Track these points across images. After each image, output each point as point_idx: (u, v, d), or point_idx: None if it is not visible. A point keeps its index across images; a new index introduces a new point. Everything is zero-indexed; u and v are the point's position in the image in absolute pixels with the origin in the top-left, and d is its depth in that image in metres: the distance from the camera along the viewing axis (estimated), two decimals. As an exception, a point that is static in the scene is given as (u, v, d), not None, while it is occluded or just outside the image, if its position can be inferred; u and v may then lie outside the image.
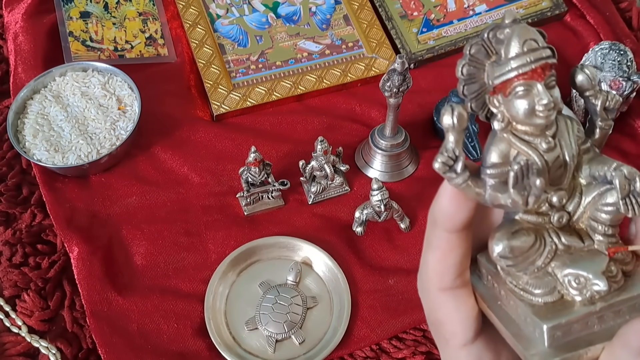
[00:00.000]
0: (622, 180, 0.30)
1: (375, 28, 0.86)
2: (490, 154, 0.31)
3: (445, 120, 0.29)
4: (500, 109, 0.31)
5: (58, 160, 0.72)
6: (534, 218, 0.32)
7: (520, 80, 0.30)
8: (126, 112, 0.75)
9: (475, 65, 0.31)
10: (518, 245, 0.30)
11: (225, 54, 0.83)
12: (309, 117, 0.80)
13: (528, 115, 0.30)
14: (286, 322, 0.65)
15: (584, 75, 0.32)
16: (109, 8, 0.86)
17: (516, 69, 0.30)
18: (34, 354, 0.65)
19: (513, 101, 0.30)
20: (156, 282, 0.68)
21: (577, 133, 0.32)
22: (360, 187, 0.75)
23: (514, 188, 0.30)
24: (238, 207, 0.73)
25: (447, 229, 0.30)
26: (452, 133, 0.30)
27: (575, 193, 0.32)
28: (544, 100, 0.29)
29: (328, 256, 0.69)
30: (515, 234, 0.31)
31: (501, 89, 0.30)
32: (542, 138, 0.31)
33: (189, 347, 0.65)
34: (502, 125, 0.31)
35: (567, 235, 0.31)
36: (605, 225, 0.31)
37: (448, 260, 0.31)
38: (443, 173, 0.30)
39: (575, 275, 0.30)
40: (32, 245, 0.70)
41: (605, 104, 0.33)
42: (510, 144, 0.31)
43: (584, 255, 0.31)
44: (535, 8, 0.88)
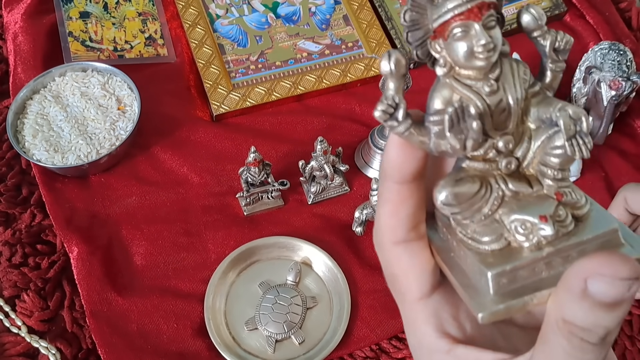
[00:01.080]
0: (567, 121, 0.29)
1: (375, 28, 0.86)
2: (433, 100, 0.30)
3: (382, 66, 0.29)
4: (442, 54, 0.30)
5: (58, 161, 0.72)
6: (482, 165, 0.30)
7: (457, 21, 0.29)
8: (126, 112, 0.75)
9: (418, 10, 0.30)
10: (462, 192, 0.29)
11: (225, 54, 0.83)
12: (309, 117, 0.80)
13: (468, 58, 0.29)
14: (286, 322, 0.65)
15: (530, 15, 0.31)
16: (109, 8, 0.86)
17: (452, 10, 0.29)
18: (33, 354, 0.65)
19: (452, 44, 0.29)
20: (156, 282, 0.68)
21: (524, 76, 0.31)
22: (359, 187, 0.75)
23: (450, 132, 0.29)
24: (238, 207, 0.73)
25: (396, 180, 0.30)
26: (391, 79, 0.29)
27: (524, 138, 0.31)
28: (482, 40, 0.28)
29: (328, 256, 0.69)
30: (459, 181, 0.30)
31: (440, 33, 0.29)
32: (485, 81, 0.30)
33: (189, 347, 0.65)
34: (445, 70, 0.30)
35: (515, 181, 0.30)
36: (555, 169, 0.30)
37: (400, 213, 0.30)
38: (384, 122, 0.29)
39: (521, 220, 0.30)
40: (31, 246, 0.70)
41: (554, 44, 0.31)
42: (452, 90, 0.30)
43: (532, 200, 0.30)
44: (535, 8, 0.88)
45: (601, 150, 0.78)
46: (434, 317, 0.31)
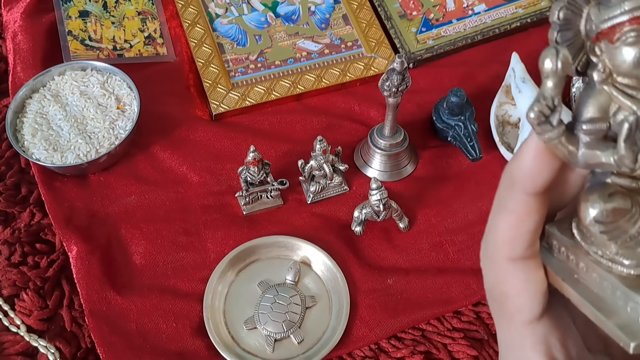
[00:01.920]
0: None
1: (375, 27, 0.86)
2: (587, 107, 0.27)
3: (546, 64, 0.26)
4: (602, 58, 0.27)
5: (57, 160, 0.72)
6: (628, 182, 0.28)
7: (634, 24, 0.26)
8: (125, 112, 0.75)
9: (574, 10, 0.28)
10: (616, 208, 0.27)
11: (224, 53, 0.83)
12: (308, 117, 0.80)
13: (636, 66, 0.27)
14: (285, 321, 0.65)
15: None
16: (108, 7, 0.86)
17: (630, 12, 0.26)
18: (32, 354, 0.65)
19: (620, 48, 0.27)
20: (155, 281, 0.68)
21: None
22: (359, 186, 0.75)
23: (626, 142, 0.26)
24: (237, 206, 0.73)
25: (527, 191, 0.27)
26: (553, 78, 0.26)
27: None
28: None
29: (327, 256, 0.69)
30: (612, 196, 0.27)
31: (607, 35, 0.27)
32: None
33: (188, 346, 0.65)
34: (603, 76, 0.27)
35: None
36: None
37: (523, 227, 0.28)
38: (537, 124, 0.27)
39: None
40: (30, 245, 0.70)
41: None
42: (610, 98, 0.27)
43: None
44: (534, 8, 0.88)
45: None
46: (542, 343, 0.29)
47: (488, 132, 0.77)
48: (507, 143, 0.77)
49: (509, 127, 0.78)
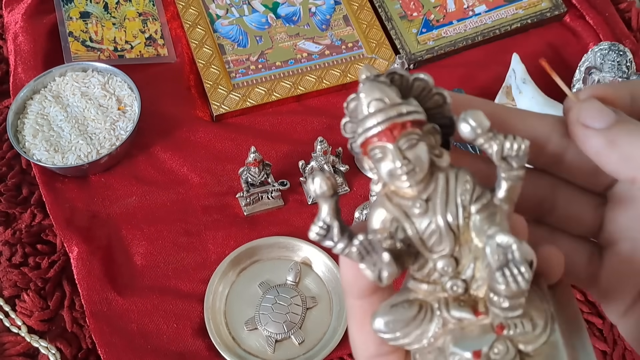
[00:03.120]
0: (494, 250, 0.25)
1: (375, 28, 0.86)
2: (371, 219, 0.28)
3: (310, 189, 0.27)
4: (373, 171, 0.28)
5: (58, 160, 0.72)
6: (426, 287, 0.28)
7: (374, 144, 0.27)
8: (126, 112, 0.75)
9: (355, 122, 0.28)
10: (395, 319, 0.27)
11: (225, 55, 0.83)
12: (309, 118, 0.80)
13: (391, 179, 0.27)
14: (286, 322, 0.65)
15: (467, 125, 0.26)
16: (109, 8, 0.86)
17: (364, 133, 0.27)
18: (33, 354, 0.65)
19: (375, 164, 0.27)
20: (156, 282, 0.68)
21: (463, 189, 0.27)
22: (360, 187, 0.75)
23: (362, 262, 0.27)
24: (238, 207, 0.73)
25: (355, 297, 0.28)
26: (321, 201, 0.27)
27: (470, 257, 0.27)
28: (397, 163, 0.26)
29: (328, 256, 0.69)
30: (394, 307, 0.27)
31: (365, 152, 0.28)
32: (414, 202, 0.27)
33: (189, 347, 0.65)
34: (379, 187, 0.28)
35: (458, 308, 0.27)
36: (501, 296, 0.26)
37: (366, 328, 0.28)
38: (319, 242, 0.27)
39: (458, 355, 0.26)
40: (31, 245, 0.70)
41: (502, 152, 0.26)
42: (386, 209, 0.27)
43: (476, 330, 0.27)
44: (535, 9, 0.88)
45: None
46: None
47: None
48: (507, 144, 0.77)
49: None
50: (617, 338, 0.67)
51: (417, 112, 0.27)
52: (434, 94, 0.28)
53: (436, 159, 0.27)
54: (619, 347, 0.67)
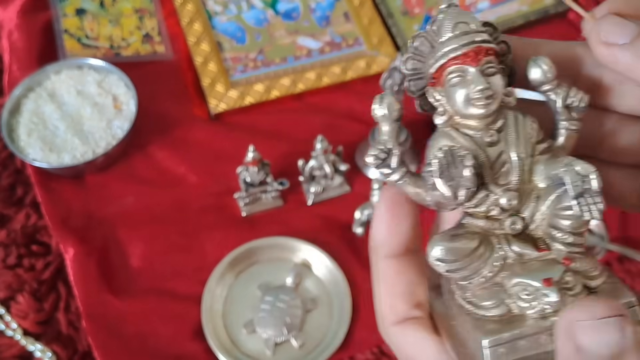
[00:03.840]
0: (575, 178, 0.26)
1: (376, 25, 0.85)
2: (430, 150, 0.28)
3: (375, 110, 0.28)
4: (441, 102, 0.28)
5: (53, 160, 0.71)
6: (484, 223, 0.28)
7: (453, 65, 0.27)
8: (122, 111, 0.75)
9: (420, 59, 0.29)
10: (457, 247, 0.27)
11: (223, 52, 0.82)
12: (309, 116, 0.79)
13: (465, 105, 0.27)
14: (285, 324, 0.65)
15: (537, 68, 0.28)
16: (105, 5, 0.85)
17: (447, 54, 0.27)
18: (28, 357, 0.64)
19: (449, 90, 0.28)
20: (153, 284, 0.68)
21: (530, 130, 0.29)
22: (360, 186, 0.74)
23: (441, 177, 0.27)
24: (236, 207, 0.73)
25: (386, 255, 0.28)
26: (385, 123, 0.28)
27: (532, 197, 0.28)
28: (479, 86, 0.27)
29: (328, 257, 0.68)
30: (456, 236, 0.28)
31: (438, 79, 0.28)
32: (485, 132, 0.28)
33: (186, 350, 0.64)
34: (444, 119, 0.28)
35: (521, 243, 0.28)
36: (565, 232, 0.27)
37: (395, 289, 0.28)
38: (376, 167, 0.28)
39: (524, 285, 0.27)
40: (26, 246, 0.69)
41: (566, 100, 0.29)
42: (451, 139, 0.28)
43: (538, 265, 0.27)
44: (539, 5, 0.87)
45: None
46: None
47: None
48: (510, 142, 0.76)
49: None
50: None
51: (493, 43, 0.28)
52: (500, 41, 0.29)
53: (505, 97, 0.28)
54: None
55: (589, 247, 0.27)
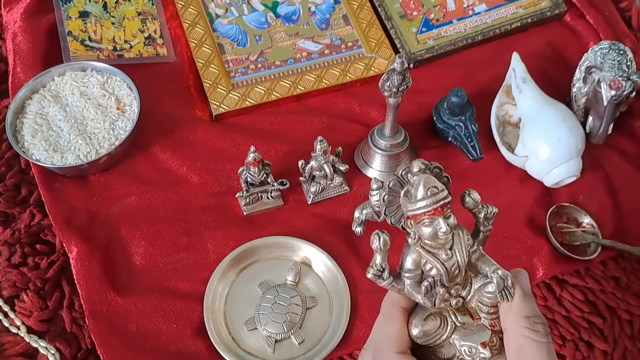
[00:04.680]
0: (499, 280, 0.43)
1: (375, 28, 0.86)
2: (405, 261, 0.44)
3: (374, 245, 0.43)
4: (412, 230, 0.43)
5: (57, 160, 0.72)
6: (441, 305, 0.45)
7: (426, 216, 0.42)
8: (125, 112, 0.75)
9: (393, 194, 0.44)
10: (429, 329, 0.45)
11: (225, 54, 0.83)
12: (308, 117, 0.80)
13: (432, 238, 0.43)
14: (285, 322, 0.65)
15: (471, 199, 0.45)
16: (108, 8, 0.86)
17: (422, 208, 0.42)
18: (32, 354, 0.65)
19: (421, 228, 0.43)
20: (155, 282, 0.68)
21: (467, 242, 0.45)
22: (359, 187, 0.75)
23: (425, 296, 0.44)
24: (237, 207, 0.73)
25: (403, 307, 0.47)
26: (379, 254, 0.43)
27: (467, 283, 0.45)
28: (443, 229, 0.42)
29: (327, 256, 0.69)
30: (426, 319, 0.45)
31: (412, 218, 0.43)
32: (443, 250, 0.44)
33: (188, 347, 0.65)
34: (414, 241, 0.44)
35: (462, 315, 0.46)
36: (488, 306, 0.44)
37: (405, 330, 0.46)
38: (374, 280, 0.44)
39: (468, 346, 0.45)
40: (31, 246, 0.70)
41: (486, 215, 0.46)
42: (420, 255, 0.44)
43: (474, 329, 0.45)
44: (535, 8, 0.88)
45: (601, 150, 0.78)
46: None
47: (489, 133, 0.77)
48: (507, 143, 0.77)
49: (510, 127, 0.78)
50: (618, 338, 0.67)
51: (449, 195, 0.43)
52: (444, 176, 0.44)
53: None
54: (619, 347, 0.66)
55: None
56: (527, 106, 0.75)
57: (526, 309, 0.43)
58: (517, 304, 0.43)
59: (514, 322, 0.43)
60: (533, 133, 0.73)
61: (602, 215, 0.73)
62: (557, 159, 0.72)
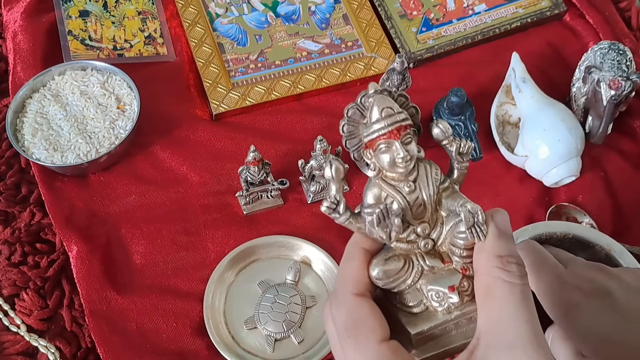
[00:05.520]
0: (467, 214, 0.37)
1: (375, 27, 0.86)
2: (366, 196, 0.39)
3: (326, 173, 0.38)
4: (372, 160, 0.39)
5: (57, 159, 0.72)
6: (405, 245, 0.39)
7: (382, 140, 0.38)
8: (125, 111, 0.75)
9: (353, 124, 0.39)
10: (389, 269, 0.38)
11: (225, 53, 0.83)
12: (308, 117, 0.80)
13: (391, 166, 0.38)
14: (285, 321, 0.65)
15: (438, 129, 0.40)
16: (108, 7, 0.86)
17: (377, 131, 0.38)
18: (32, 353, 0.65)
19: (379, 155, 0.38)
20: (155, 281, 0.68)
21: (435, 176, 0.40)
22: (359, 186, 0.75)
23: (378, 227, 0.38)
24: (237, 206, 0.73)
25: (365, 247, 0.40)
26: (333, 183, 0.38)
27: (438, 224, 0.40)
28: (401, 154, 0.38)
29: (327, 255, 0.69)
30: (388, 260, 0.39)
31: (370, 146, 0.39)
32: (405, 182, 0.39)
33: (188, 346, 0.65)
34: (374, 173, 0.39)
35: (431, 258, 0.40)
36: (460, 249, 0.39)
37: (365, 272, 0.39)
38: (329, 214, 0.38)
39: (435, 290, 0.39)
40: (31, 244, 0.70)
41: (459, 149, 0.40)
42: (381, 188, 0.39)
43: (444, 274, 0.39)
44: (535, 7, 0.88)
45: (601, 150, 0.78)
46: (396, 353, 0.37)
47: (488, 132, 0.77)
48: (507, 143, 0.77)
49: (509, 126, 0.78)
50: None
51: (410, 118, 0.39)
52: (410, 107, 0.40)
53: (417, 153, 0.39)
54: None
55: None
56: (527, 106, 0.75)
57: (500, 247, 0.37)
58: (490, 242, 0.37)
59: (484, 261, 0.37)
60: (532, 133, 0.73)
61: (602, 215, 0.74)
62: (557, 158, 0.72)
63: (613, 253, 0.58)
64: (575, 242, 0.60)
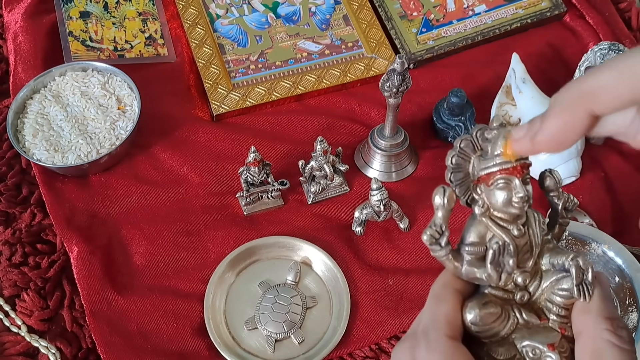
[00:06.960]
0: (578, 270, 0.35)
1: (375, 28, 0.86)
2: (469, 233, 0.36)
3: (436, 200, 0.35)
4: (481, 196, 0.36)
5: (58, 160, 0.72)
6: (501, 293, 0.37)
7: (503, 174, 0.35)
8: (126, 112, 0.76)
9: (463, 157, 0.37)
10: (487, 314, 0.36)
11: (225, 54, 0.83)
12: (309, 117, 0.80)
13: (505, 204, 0.36)
14: (285, 321, 0.65)
15: (553, 180, 0.38)
16: (109, 8, 0.86)
17: (500, 164, 0.35)
18: (33, 354, 0.65)
19: (494, 191, 0.36)
20: (156, 281, 0.68)
21: (542, 225, 0.38)
22: (359, 187, 0.75)
23: (491, 264, 0.36)
24: (237, 207, 0.73)
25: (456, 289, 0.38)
26: (441, 211, 0.35)
27: (536, 276, 0.37)
28: (520, 193, 0.35)
29: (327, 256, 0.69)
30: (485, 305, 0.36)
31: (485, 180, 0.36)
32: (514, 225, 0.36)
33: (189, 346, 0.65)
34: (482, 210, 0.36)
35: (528, 312, 0.37)
36: (559, 307, 0.37)
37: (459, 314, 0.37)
38: (429, 245, 0.36)
39: (532, 347, 0.36)
40: (31, 245, 0.70)
41: (565, 204, 0.39)
42: (487, 227, 0.36)
43: (540, 330, 0.37)
44: (535, 8, 0.88)
45: (601, 151, 0.78)
46: None
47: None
48: (507, 143, 0.77)
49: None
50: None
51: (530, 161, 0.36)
52: None
53: None
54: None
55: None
56: (527, 106, 0.75)
57: (607, 310, 0.35)
58: (596, 304, 0.35)
59: (592, 323, 0.35)
60: (533, 133, 0.73)
61: (602, 215, 0.74)
62: (557, 159, 0.72)
63: (609, 251, 0.58)
64: (575, 241, 0.60)
